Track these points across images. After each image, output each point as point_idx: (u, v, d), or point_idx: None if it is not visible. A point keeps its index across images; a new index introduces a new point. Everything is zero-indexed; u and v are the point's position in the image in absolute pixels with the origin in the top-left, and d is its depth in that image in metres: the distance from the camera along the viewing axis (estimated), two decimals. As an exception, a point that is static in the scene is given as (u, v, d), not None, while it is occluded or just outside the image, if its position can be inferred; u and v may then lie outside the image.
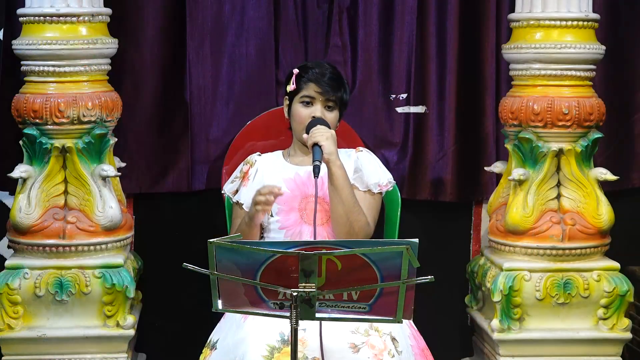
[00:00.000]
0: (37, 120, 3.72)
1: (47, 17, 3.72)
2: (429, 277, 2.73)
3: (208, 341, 3.44)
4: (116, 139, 3.88)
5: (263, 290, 2.77)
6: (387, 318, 2.78)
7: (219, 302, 2.80)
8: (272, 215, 3.54)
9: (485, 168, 4.14)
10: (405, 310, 2.76)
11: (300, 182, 3.55)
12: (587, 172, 3.91)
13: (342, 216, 3.43)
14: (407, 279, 2.69)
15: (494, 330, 3.87)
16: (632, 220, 4.33)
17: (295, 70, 3.56)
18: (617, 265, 3.91)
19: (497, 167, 4.09)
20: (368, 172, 3.57)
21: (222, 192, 3.72)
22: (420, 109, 4.24)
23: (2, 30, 4.10)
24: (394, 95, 4.25)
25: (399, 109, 4.25)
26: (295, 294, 2.70)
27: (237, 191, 3.62)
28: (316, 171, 3.30)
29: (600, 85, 4.16)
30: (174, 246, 4.25)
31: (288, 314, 2.74)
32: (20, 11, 3.78)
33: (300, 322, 2.76)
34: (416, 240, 2.68)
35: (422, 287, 2.78)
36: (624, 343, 3.92)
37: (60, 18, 3.72)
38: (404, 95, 4.25)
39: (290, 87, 3.55)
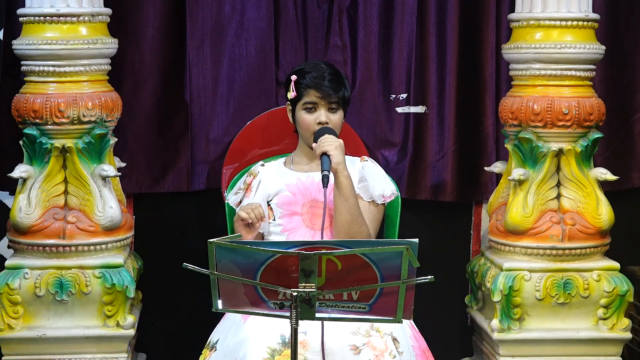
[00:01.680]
0: (37, 120, 3.72)
1: (47, 17, 3.71)
2: (429, 277, 2.73)
3: (208, 342, 3.44)
4: (116, 139, 3.88)
5: (263, 290, 2.77)
6: (387, 318, 2.78)
7: (219, 302, 2.80)
8: (274, 219, 3.54)
9: (485, 168, 4.14)
10: (405, 310, 2.76)
11: (303, 187, 3.54)
12: (587, 172, 3.91)
13: (345, 225, 3.42)
14: (407, 279, 2.69)
15: (494, 330, 3.86)
16: (632, 220, 4.33)
17: (294, 77, 3.54)
18: (617, 265, 3.91)
19: (497, 167, 4.09)
20: (373, 182, 3.56)
21: (226, 200, 3.72)
22: (420, 109, 4.24)
23: (2, 30, 4.10)
24: (394, 95, 4.25)
25: (399, 109, 4.25)
26: (295, 294, 2.70)
27: (240, 202, 3.61)
28: (325, 181, 3.31)
29: (600, 85, 4.16)
30: (174, 246, 4.25)
31: (288, 314, 2.74)
32: (20, 11, 3.78)
33: (301, 324, 2.76)
34: (416, 240, 2.68)
35: (422, 287, 2.78)
36: (624, 343, 3.92)
37: (60, 18, 3.72)
38: (404, 95, 4.24)
39: (291, 95, 3.54)
